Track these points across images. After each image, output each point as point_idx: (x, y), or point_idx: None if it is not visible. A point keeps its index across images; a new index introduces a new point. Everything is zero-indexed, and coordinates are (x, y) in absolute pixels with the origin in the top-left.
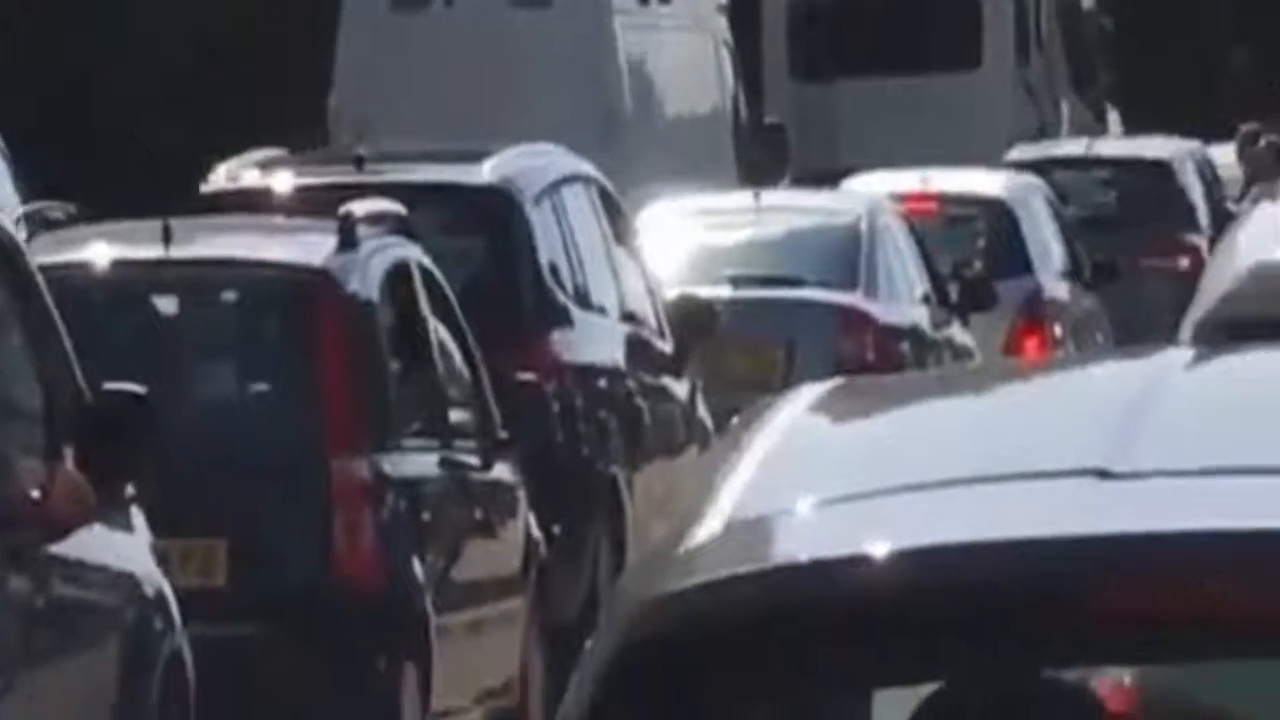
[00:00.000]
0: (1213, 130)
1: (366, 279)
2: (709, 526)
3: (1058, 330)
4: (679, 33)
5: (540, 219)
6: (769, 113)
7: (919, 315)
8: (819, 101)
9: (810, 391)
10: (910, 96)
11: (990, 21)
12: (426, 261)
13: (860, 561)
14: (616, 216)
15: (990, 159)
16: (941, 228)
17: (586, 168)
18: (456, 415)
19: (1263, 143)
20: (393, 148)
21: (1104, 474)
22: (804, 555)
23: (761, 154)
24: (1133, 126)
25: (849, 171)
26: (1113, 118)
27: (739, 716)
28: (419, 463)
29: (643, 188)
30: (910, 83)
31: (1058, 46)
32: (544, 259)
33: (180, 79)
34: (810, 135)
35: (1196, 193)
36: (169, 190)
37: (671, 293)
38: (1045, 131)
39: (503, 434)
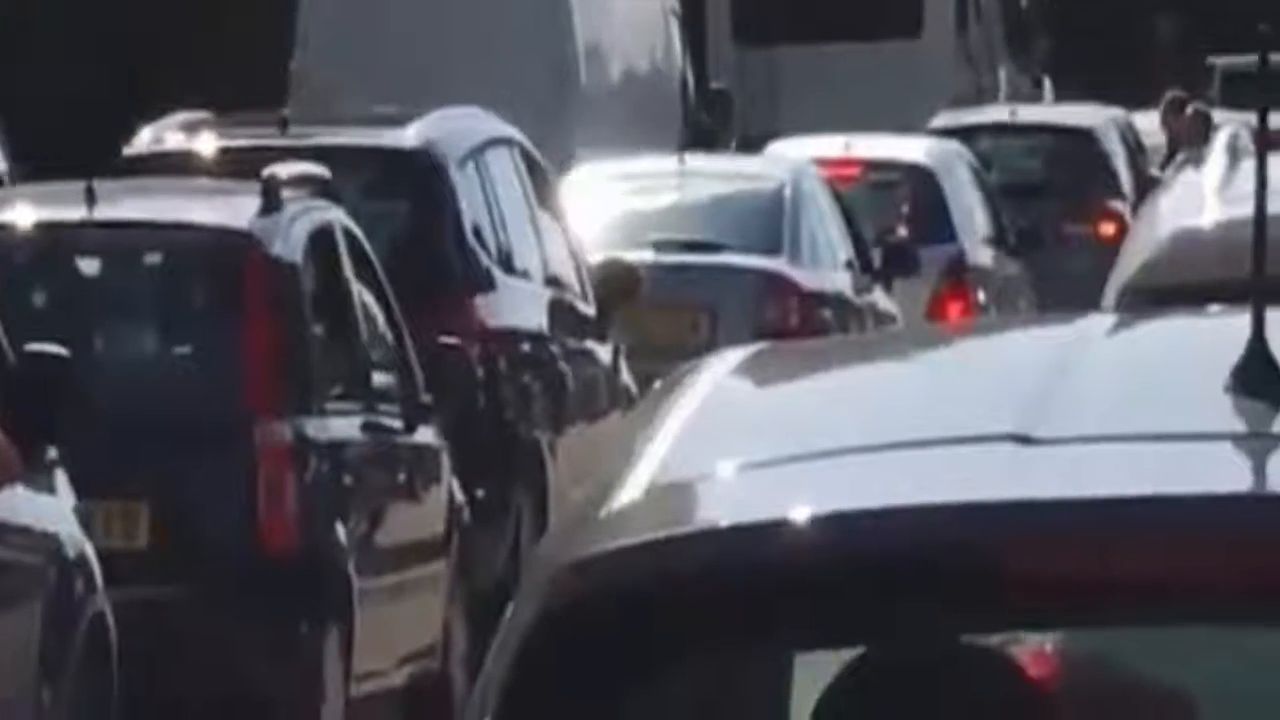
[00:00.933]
0: (1145, 98)
1: (290, 242)
2: (630, 491)
3: (981, 296)
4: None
5: (464, 182)
6: (712, 78)
7: (842, 281)
8: (761, 67)
9: (733, 356)
10: (852, 63)
11: None
12: (350, 224)
13: (782, 526)
14: (540, 180)
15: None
16: (865, 193)
17: (511, 131)
18: (380, 379)
19: (1189, 110)
20: (350, 110)
21: (1025, 439)
22: (725, 520)
23: (708, 118)
24: (1067, 94)
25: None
26: (1046, 85)
27: (660, 681)
28: (342, 426)
29: (595, 149)
30: (852, 49)
31: (995, 14)
32: (468, 222)
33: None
34: (752, 101)
35: (1120, 159)
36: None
37: (595, 257)
38: (984, 99)
39: (426, 398)
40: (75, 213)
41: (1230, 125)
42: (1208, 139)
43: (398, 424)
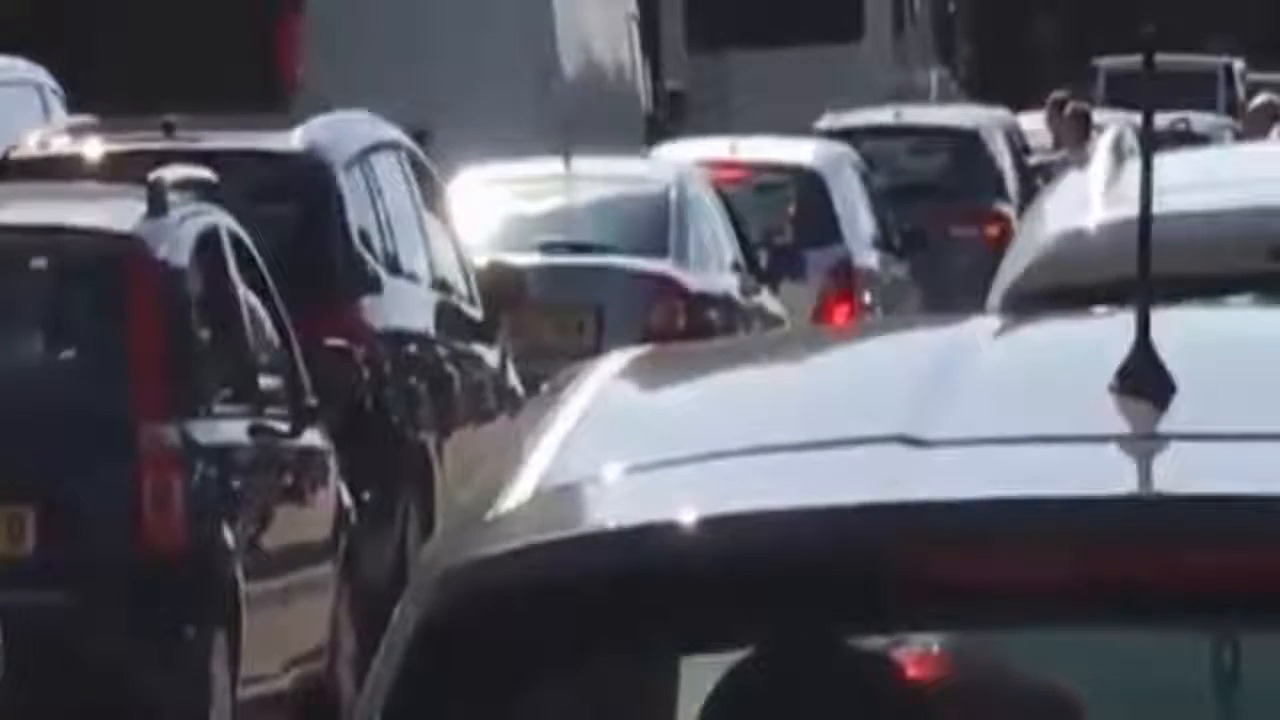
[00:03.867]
0: (1034, 99)
1: (176, 246)
2: (517, 493)
3: (867, 298)
4: (598, 7)
5: (351, 186)
6: (667, 82)
7: (729, 283)
8: (712, 72)
9: (619, 358)
10: (798, 66)
11: None
12: (236, 228)
13: (668, 529)
14: (427, 184)
15: None
16: (752, 196)
17: (397, 135)
18: (266, 382)
19: (1068, 110)
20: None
21: (911, 441)
22: (611, 522)
23: (664, 118)
24: (980, 96)
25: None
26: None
27: (546, 684)
28: (229, 429)
29: (574, 146)
30: (797, 54)
31: (927, 20)
32: (354, 226)
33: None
34: (704, 104)
35: (1005, 161)
36: None
37: (482, 260)
38: (917, 99)
39: (312, 400)
40: None
41: (1115, 125)
42: (1086, 137)
43: (284, 427)
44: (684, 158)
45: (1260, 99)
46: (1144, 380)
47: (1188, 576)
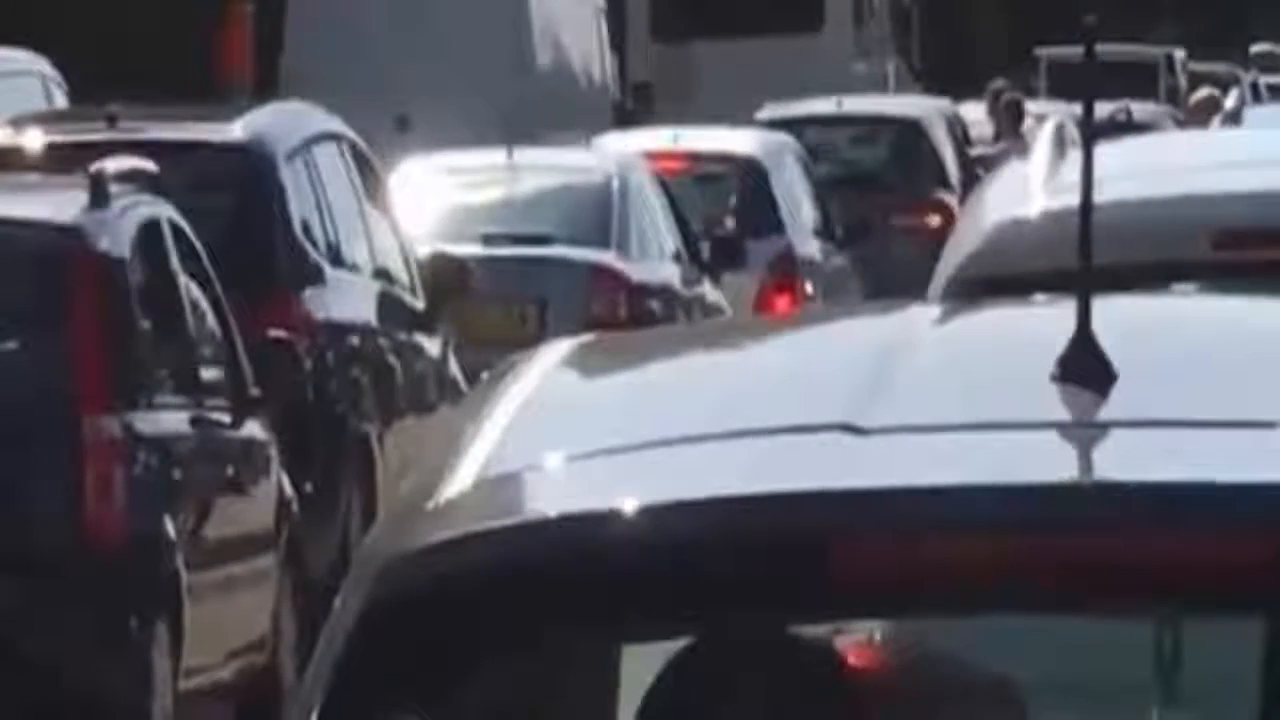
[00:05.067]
0: (979, 88)
1: (118, 237)
2: (458, 482)
3: (809, 288)
4: (569, 0)
5: (292, 176)
6: (632, 71)
7: (670, 273)
8: (677, 61)
9: (560, 347)
10: (760, 57)
11: None
12: (178, 219)
13: (609, 516)
14: (369, 174)
15: None
16: (693, 186)
17: (338, 126)
18: (208, 373)
19: (1003, 100)
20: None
21: (852, 429)
22: (553, 510)
23: (631, 108)
24: (935, 86)
25: None
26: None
27: (488, 673)
28: (170, 421)
29: (547, 131)
30: (760, 44)
31: (885, 12)
32: (296, 216)
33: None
34: (668, 93)
35: (947, 151)
36: None
37: (424, 250)
38: (875, 89)
39: (254, 392)
40: None
41: (1056, 115)
42: (1020, 125)
43: (226, 418)
44: (626, 148)
45: (1202, 93)
46: (1085, 369)
47: (1127, 563)
